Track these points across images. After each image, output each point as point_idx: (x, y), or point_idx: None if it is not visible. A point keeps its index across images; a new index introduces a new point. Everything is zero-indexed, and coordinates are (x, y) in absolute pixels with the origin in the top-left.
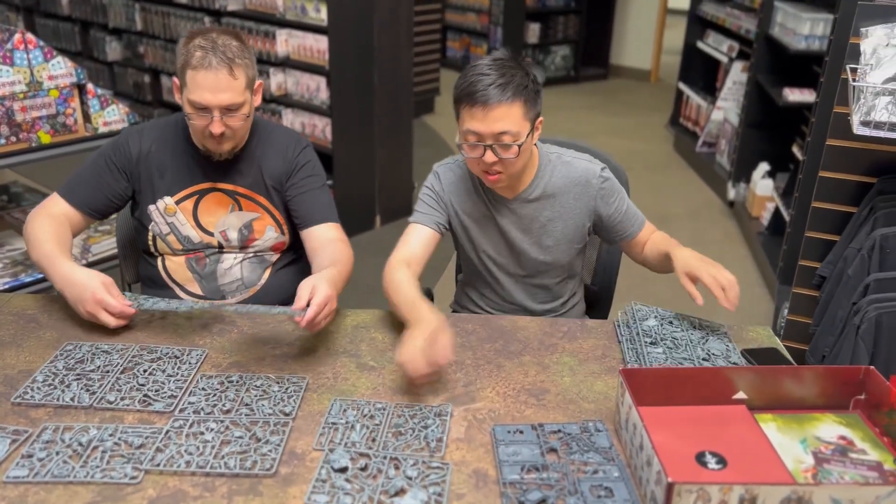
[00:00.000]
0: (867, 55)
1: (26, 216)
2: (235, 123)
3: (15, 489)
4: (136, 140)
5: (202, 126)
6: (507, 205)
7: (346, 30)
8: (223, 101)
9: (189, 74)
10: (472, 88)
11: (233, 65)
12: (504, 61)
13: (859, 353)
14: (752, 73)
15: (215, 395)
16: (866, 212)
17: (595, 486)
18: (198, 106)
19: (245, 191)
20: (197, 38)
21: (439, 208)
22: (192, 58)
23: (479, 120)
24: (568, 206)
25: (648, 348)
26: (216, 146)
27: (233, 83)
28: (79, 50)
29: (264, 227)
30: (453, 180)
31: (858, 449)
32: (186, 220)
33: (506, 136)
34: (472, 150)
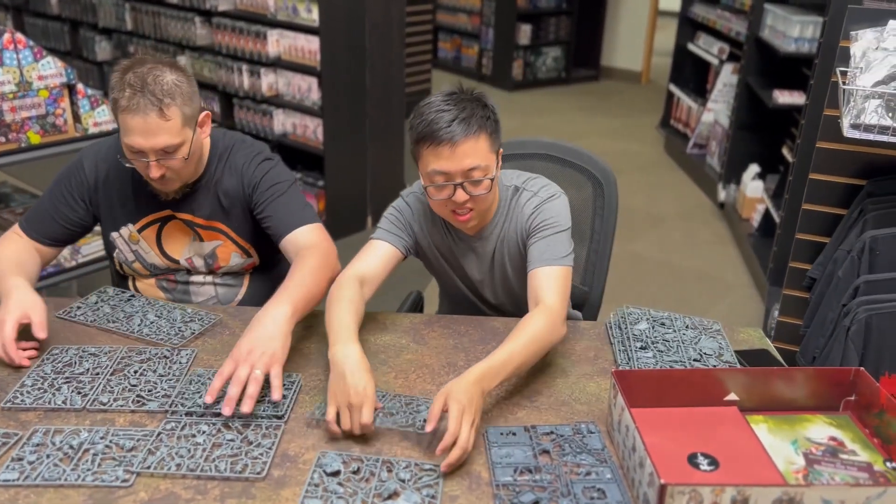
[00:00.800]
0: (857, 58)
1: (16, 217)
2: (175, 165)
3: (5, 493)
4: (92, 166)
5: (141, 169)
6: (470, 243)
7: (338, 30)
8: (157, 144)
9: (120, 118)
10: (433, 127)
11: (162, 105)
12: (459, 95)
13: (849, 355)
14: (742, 76)
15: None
16: (856, 214)
17: (588, 488)
18: (132, 149)
19: (203, 221)
20: (128, 74)
21: (406, 232)
22: (121, 98)
23: (447, 158)
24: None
25: (639, 353)
26: (161, 186)
27: (164, 125)
28: (68, 49)
29: (228, 254)
30: (422, 210)
31: (849, 450)
32: (150, 248)
33: (476, 172)
34: (439, 192)
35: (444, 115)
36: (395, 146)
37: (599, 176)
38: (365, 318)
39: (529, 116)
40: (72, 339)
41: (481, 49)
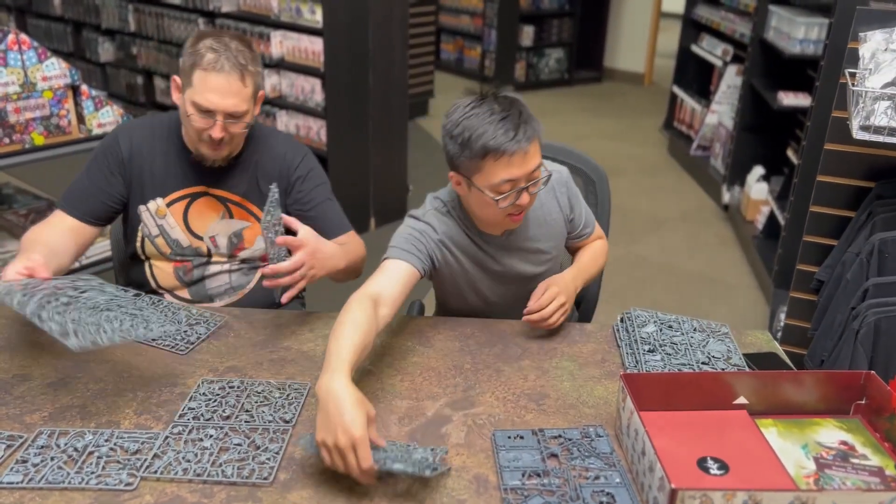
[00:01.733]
0: (866, 60)
1: (19, 218)
2: (236, 130)
3: (10, 495)
4: (127, 139)
5: (201, 129)
6: (500, 243)
7: (341, 32)
8: (229, 106)
9: (198, 75)
10: (502, 139)
11: (244, 71)
12: (497, 100)
13: (858, 358)
14: (746, 77)
15: (215, 401)
16: (864, 216)
17: (597, 492)
18: (201, 108)
19: (238, 198)
20: (207, 39)
21: (426, 254)
22: (202, 59)
23: (518, 166)
24: (548, 217)
25: (647, 356)
26: (212, 151)
27: (242, 90)
28: (71, 51)
29: (254, 237)
30: (446, 230)
31: (860, 454)
32: (176, 223)
33: (538, 171)
34: (506, 200)
35: (504, 123)
36: (398, 147)
37: (592, 174)
38: None
39: None
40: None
41: (484, 50)
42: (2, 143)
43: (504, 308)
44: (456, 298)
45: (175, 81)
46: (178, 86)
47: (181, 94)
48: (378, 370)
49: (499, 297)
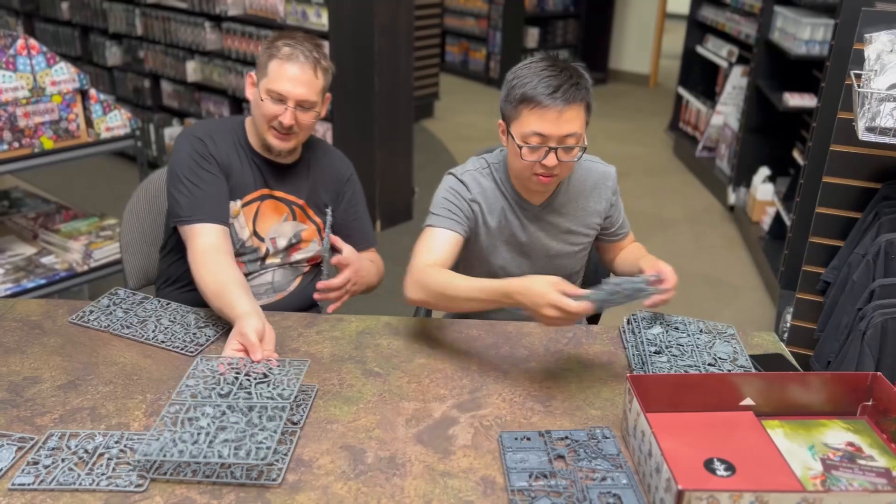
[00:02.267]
0: (871, 61)
1: (28, 222)
2: (306, 120)
3: (21, 497)
4: (212, 143)
5: (273, 115)
6: (535, 212)
7: (347, 35)
8: (301, 94)
9: (274, 64)
10: (544, 90)
11: (318, 65)
12: (562, 63)
13: (865, 359)
14: (752, 78)
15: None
16: (871, 217)
17: (603, 494)
18: (275, 95)
19: (301, 202)
20: (284, 38)
21: (466, 215)
22: (279, 51)
23: (551, 122)
24: (589, 209)
25: (653, 357)
26: (279, 140)
27: (314, 81)
28: (78, 55)
29: (311, 238)
30: (481, 191)
31: (867, 455)
32: (246, 223)
33: (570, 139)
34: (532, 153)
35: (552, 79)
36: (403, 149)
37: None
38: (376, 323)
39: None
40: (87, 344)
41: (489, 52)
42: (11, 147)
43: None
44: (474, 270)
45: (250, 77)
46: (253, 80)
47: (255, 88)
48: (385, 372)
49: (515, 271)
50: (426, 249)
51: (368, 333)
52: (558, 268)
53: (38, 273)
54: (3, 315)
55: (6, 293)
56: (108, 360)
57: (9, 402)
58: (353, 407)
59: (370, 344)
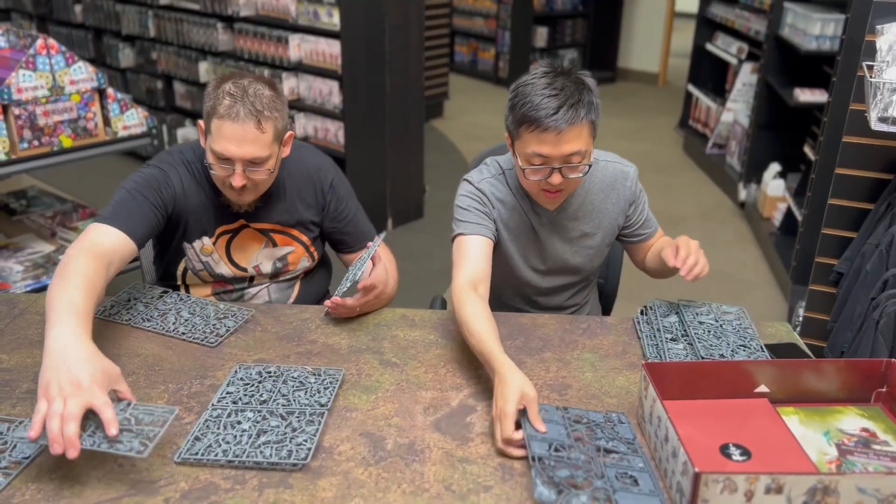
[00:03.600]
0: (883, 52)
1: (45, 220)
2: (258, 177)
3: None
4: (178, 178)
5: (223, 177)
6: (550, 217)
7: (358, 34)
8: (247, 154)
9: (215, 123)
10: (541, 112)
11: (261, 117)
12: (563, 78)
13: (878, 348)
14: (762, 75)
15: (252, 386)
16: (884, 208)
17: (621, 475)
18: (220, 156)
19: (279, 227)
20: (227, 84)
21: (490, 217)
22: (219, 105)
23: (551, 144)
24: (606, 211)
25: (669, 344)
26: (236, 197)
27: (259, 137)
28: (92, 57)
29: (298, 259)
30: (497, 196)
31: (881, 441)
32: (220, 258)
33: (575, 157)
34: (536, 173)
35: (551, 100)
36: (414, 149)
37: None
38: (393, 315)
39: None
40: (109, 338)
41: (498, 52)
42: (32, 145)
43: (537, 284)
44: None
45: (200, 126)
46: (202, 130)
47: (205, 140)
48: (402, 362)
49: (534, 277)
50: (463, 262)
51: (385, 325)
52: (574, 270)
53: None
54: (27, 309)
55: (26, 289)
56: (130, 352)
57: (34, 392)
58: (371, 396)
59: (387, 335)
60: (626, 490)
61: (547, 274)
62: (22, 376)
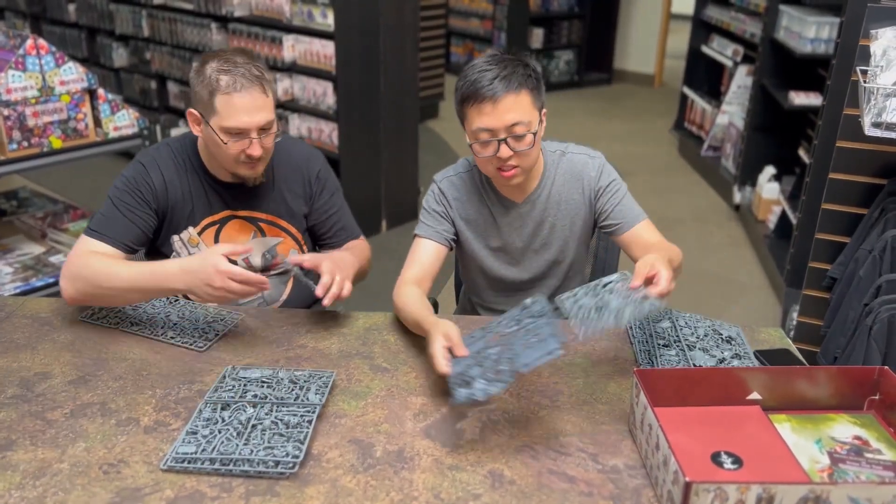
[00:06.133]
0: (877, 57)
1: (36, 221)
2: (270, 143)
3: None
4: (157, 172)
5: (238, 151)
6: (517, 209)
7: (353, 35)
8: (260, 120)
9: (220, 100)
10: (476, 86)
11: (262, 81)
12: (501, 56)
13: (871, 354)
14: (757, 77)
15: (242, 390)
16: (877, 213)
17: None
18: (234, 132)
19: (267, 216)
20: (213, 63)
21: (446, 219)
22: (219, 83)
23: (489, 115)
24: (572, 200)
25: (661, 350)
26: (251, 170)
27: (266, 101)
28: (85, 56)
29: (287, 251)
30: (456, 195)
31: (874, 449)
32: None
33: (519, 127)
34: (484, 148)
35: (486, 73)
36: (409, 150)
37: None
38: (385, 320)
39: None
40: (96, 340)
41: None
42: (21, 146)
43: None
44: (468, 272)
45: (192, 115)
46: (198, 118)
47: (203, 126)
48: (393, 367)
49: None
50: (410, 260)
51: (376, 329)
52: (549, 264)
53: (46, 272)
54: (14, 312)
55: (15, 291)
56: (117, 357)
57: (20, 398)
58: (361, 402)
59: (378, 340)
60: (530, 348)
61: (517, 266)
62: (8, 380)
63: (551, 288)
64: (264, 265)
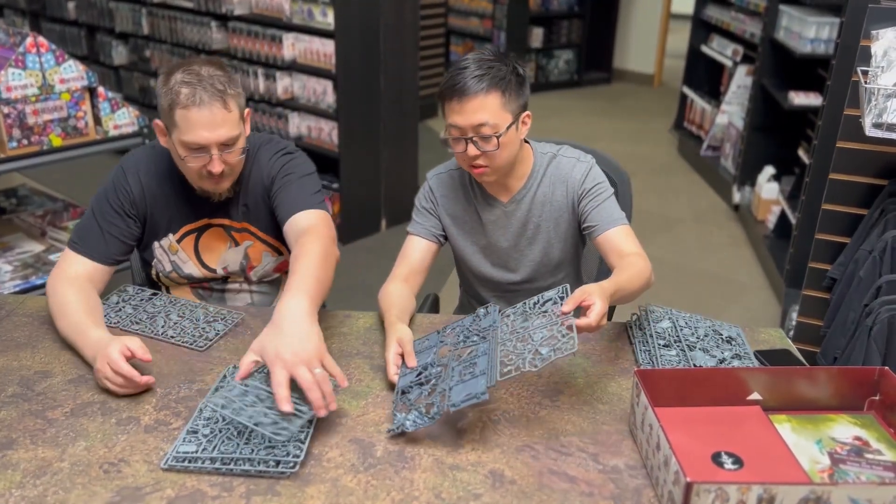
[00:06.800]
0: (878, 57)
1: (35, 220)
2: (233, 159)
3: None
4: (135, 178)
5: (199, 167)
6: (503, 208)
7: (353, 34)
8: (220, 136)
9: (179, 114)
10: (451, 82)
11: (225, 96)
12: (485, 55)
13: (871, 355)
14: (756, 77)
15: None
16: (877, 213)
17: (465, 367)
18: (193, 147)
19: (237, 224)
20: (178, 74)
21: (434, 216)
22: (179, 96)
23: (458, 112)
24: (556, 202)
25: (662, 350)
26: (215, 186)
27: (227, 117)
28: (85, 54)
29: (259, 254)
30: (444, 192)
31: (874, 449)
32: (188, 257)
33: (485, 128)
34: (455, 145)
35: (463, 71)
36: (409, 149)
37: (613, 176)
38: None
39: (541, 119)
40: None
41: None
42: (21, 144)
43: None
44: (466, 258)
45: (158, 126)
46: (163, 129)
47: (168, 138)
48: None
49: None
50: (401, 258)
51: (376, 329)
52: (535, 265)
53: (46, 270)
54: (14, 311)
55: (15, 290)
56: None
57: (20, 396)
58: (361, 401)
59: (378, 339)
60: (460, 383)
61: (503, 266)
62: (8, 379)
63: (541, 289)
64: (242, 271)
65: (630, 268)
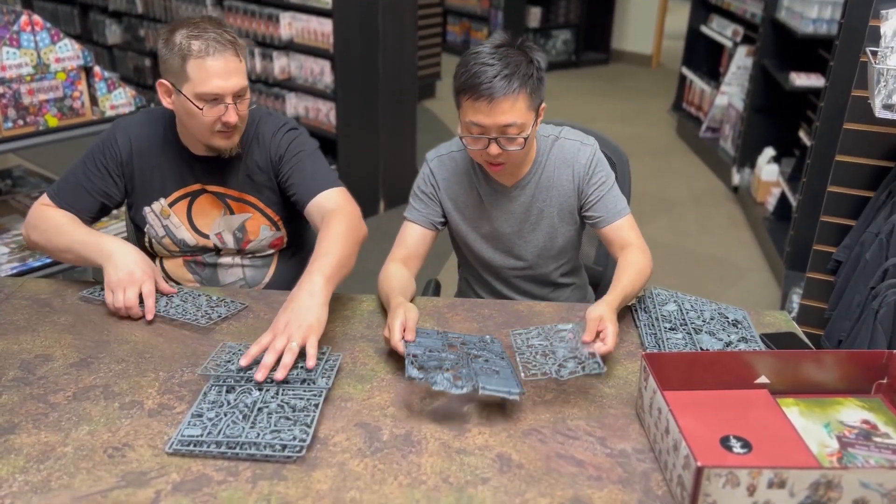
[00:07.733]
0: (888, 38)
1: (30, 201)
2: (244, 110)
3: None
4: (126, 140)
5: (214, 119)
6: (507, 194)
7: (351, 13)
8: (235, 85)
9: (193, 65)
10: (475, 80)
11: (235, 46)
12: (507, 49)
13: (877, 338)
14: (757, 58)
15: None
16: (884, 196)
17: (486, 368)
18: (209, 98)
19: (234, 192)
20: (182, 30)
21: (434, 204)
22: (190, 49)
23: (485, 114)
24: (561, 187)
25: (668, 334)
26: (227, 140)
27: (239, 66)
28: (78, 33)
29: (258, 227)
30: (446, 175)
31: (882, 433)
32: (181, 222)
33: (511, 129)
34: (474, 143)
35: (488, 69)
36: (407, 130)
37: (612, 157)
38: None
39: None
40: (97, 322)
41: (491, 32)
42: (16, 125)
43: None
44: (468, 243)
45: (163, 86)
46: (169, 88)
47: (174, 97)
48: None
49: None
50: (398, 243)
51: (380, 312)
52: (538, 250)
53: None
54: (13, 293)
55: (12, 272)
56: (119, 339)
57: (21, 380)
58: (367, 385)
59: (382, 322)
60: (489, 375)
61: (507, 252)
62: (9, 363)
63: (544, 275)
64: (237, 243)
65: (631, 268)
